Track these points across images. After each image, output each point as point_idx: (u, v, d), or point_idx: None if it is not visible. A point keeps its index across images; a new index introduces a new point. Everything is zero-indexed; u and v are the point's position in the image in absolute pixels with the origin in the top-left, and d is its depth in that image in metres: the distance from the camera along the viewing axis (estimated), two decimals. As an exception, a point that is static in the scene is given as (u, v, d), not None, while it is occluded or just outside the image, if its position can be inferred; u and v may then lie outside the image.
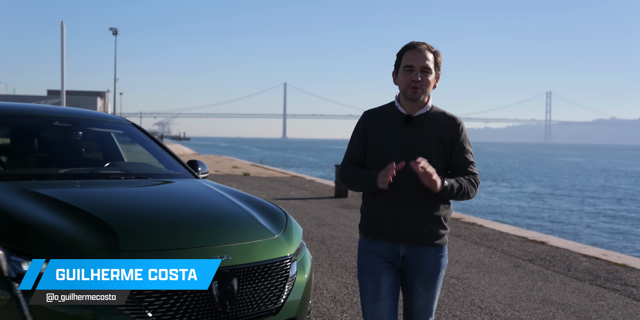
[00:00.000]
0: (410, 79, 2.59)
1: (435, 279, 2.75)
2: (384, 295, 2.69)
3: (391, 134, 2.66)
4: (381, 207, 2.65)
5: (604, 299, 5.45)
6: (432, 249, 2.69)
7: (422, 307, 2.77)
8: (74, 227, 2.77)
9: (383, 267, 2.69)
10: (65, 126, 4.25)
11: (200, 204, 3.43)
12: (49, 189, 3.24)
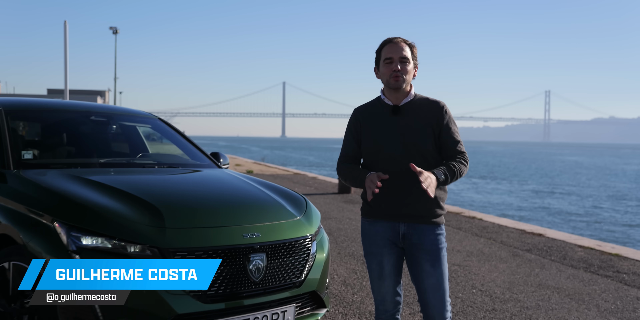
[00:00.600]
0: (392, 70, 2.86)
1: (439, 255, 2.89)
2: (387, 275, 2.96)
3: (382, 125, 2.92)
4: (382, 191, 2.85)
5: (597, 284, 5.81)
6: (430, 226, 2.88)
7: (434, 286, 2.87)
8: (123, 207, 3.13)
9: (385, 249, 2.94)
10: (101, 120, 4.63)
11: (230, 189, 3.79)
12: (95, 175, 3.61)
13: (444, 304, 2.88)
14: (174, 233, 3.03)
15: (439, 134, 2.89)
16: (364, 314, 4.47)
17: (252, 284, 3.13)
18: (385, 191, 2.84)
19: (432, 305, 2.86)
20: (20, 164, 3.71)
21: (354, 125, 3.01)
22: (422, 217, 2.87)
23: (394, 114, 2.89)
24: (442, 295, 2.89)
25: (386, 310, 2.97)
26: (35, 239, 3.03)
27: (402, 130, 2.87)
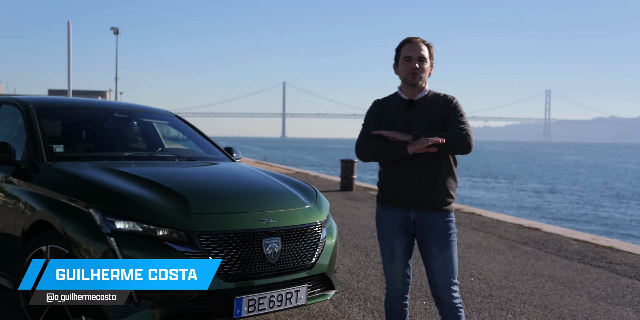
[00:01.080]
0: (410, 67, 3.10)
1: (448, 241, 3.09)
2: (398, 257, 3.21)
3: (397, 117, 3.16)
4: (395, 180, 3.14)
5: (589, 273, 6.11)
6: (440, 213, 3.10)
7: (441, 268, 3.08)
8: (151, 195, 3.44)
9: (397, 234, 3.19)
10: (123, 117, 4.95)
11: (246, 179, 4.10)
12: (123, 167, 3.91)
13: (450, 285, 3.09)
14: (199, 218, 3.33)
15: (443, 119, 3.09)
16: (368, 299, 4.77)
17: (268, 265, 3.43)
18: (398, 181, 3.11)
19: (439, 285, 3.10)
20: (52, 157, 4.01)
21: (374, 113, 3.22)
22: (431, 205, 3.08)
23: (408, 107, 3.14)
24: (449, 277, 3.09)
25: (395, 289, 3.23)
26: (72, 224, 3.33)
27: (414, 122, 3.10)
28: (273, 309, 3.45)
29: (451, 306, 3.08)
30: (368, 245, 7.06)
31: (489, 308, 4.68)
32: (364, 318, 4.28)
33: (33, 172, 3.89)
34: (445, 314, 3.10)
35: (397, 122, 3.14)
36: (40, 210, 3.58)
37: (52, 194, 3.60)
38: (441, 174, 3.10)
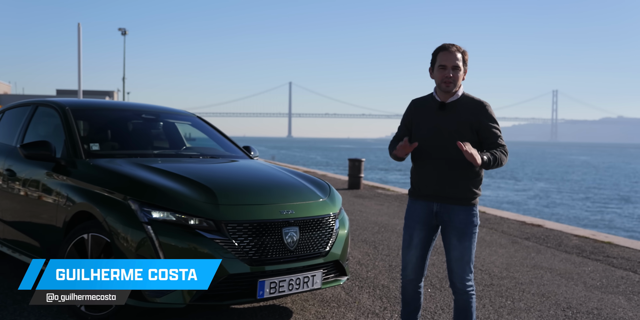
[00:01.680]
0: (444, 75, 3.33)
1: (466, 233, 3.29)
2: (414, 246, 3.48)
3: (429, 117, 3.41)
4: (422, 175, 3.42)
5: (587, 266, 6.44)
6: (461, 207, 3.30)
7: (457, 257, 3.32)
8: (182, 188, 3.81)
9: (418, 224, 3.46)
10: (151, 118, 5.33)
11: (266, 175, 4.47)
12: (154, 163, 4.29)
13: (464, 273, 3.35)
14: (226, 209, 3.70)
15: (479, 130, 3.29)
16: (377, 287, 5.13)
17: (287, 252, 3.80)
18: (424, 176, 3.39)
19: (455, 272, 3.38)
20: (89, 154, 4.39)
21: (408, 115, 3.52)
22: (452, 199, 3.32)
23: (440, 109, 3.38)
24: (464, 265, 3.33)
25: (407, 275, 3.52)
26: (112, 214, 3.70)
27: (444, 124, 3.32)
28: (292, 291, 3.81)
29: (463, 292, 3.37)
30: (376, 240, 7.42)
31: (490, 295, 5.03)
32: (373, 303, 4.64)
33: (72, 168, 4.27)
34: (458, 298, 3.41)
35: (428, 122, 3.39)
36: (81, 202, 3.96)
37: (91, 187, 3.97)
38: (464, 171, 3.31)
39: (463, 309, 3.38)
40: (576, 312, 4.65)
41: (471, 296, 3.38)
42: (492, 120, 3.33)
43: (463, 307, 3.38)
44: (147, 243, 3.54)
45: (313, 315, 4.28)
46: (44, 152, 4.30)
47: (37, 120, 5.16)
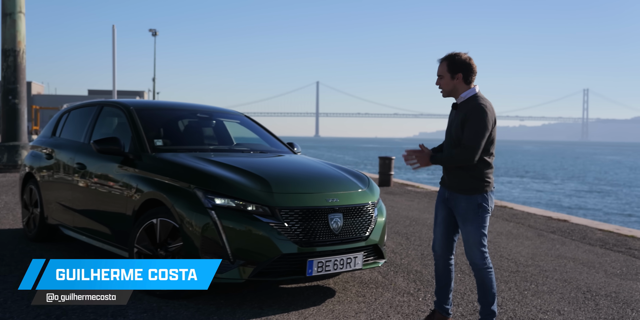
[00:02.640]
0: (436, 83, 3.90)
1: (467, 218, 3.72)
2: (438, 223, 4.00)
3: (451, 115, 3.94)
4: (443, 167, 3.95)
5: (608, 256, 6.81)
6: (462, 195, 3.75)
7: (464, 239, 3.80)
8: (240, 178, 4.32)
9: (440, 205, 3.99)
10: (205, 117, 5.88)
11: (312, 167, 4.96)
12: (213, 157, 4.82)
13: (472, 252, 3.77)
14: (279, 196, 4.20)
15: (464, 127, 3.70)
16: (411, 272, 5.58)
17: (332, 235, 4.28)
18: (443, 167, 3.91)
19: (466, 252, 3.86)
20: (154, 149, 4.93)
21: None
22: (455, 188, 3.83)
23: (453, 109, 3.88)
24: (471, 246, 3.75)
25: (435, 250, 4.01)
26: (180, 201, 4.22)
27: (451, 123, 3.88)
28: (336, 270, 4.29)
29: (476, 269, 3.80)
30: (408, 232, 7.86)
31: (515, 280, 5.45)
32: (408, 285, 5.09)
33: (139, 161, 4.81)
34: (475, 274, 3.86)
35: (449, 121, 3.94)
36: (150, 191, 4.49)
37: (159, 178, 4.50)
38: (466, 167, 3.74)
39: (480, 282, 3.82)
40: (595, 295, 5.04)
41: (484, 271, 3.78)
42: (472, 121, 3.65)
43: (479, 280, 3.82)
44: (211, 226, 4.06)
45: (354, 294, 4.75)
46: (114, 147, 4.85)
47: (103, 119, 5.73)
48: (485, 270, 3.80)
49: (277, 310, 4.22)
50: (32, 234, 6.34)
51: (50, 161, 6.07)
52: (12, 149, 15.38)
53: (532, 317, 4.33)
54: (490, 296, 3.79)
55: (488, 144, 3.72)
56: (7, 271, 5.07)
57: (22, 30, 15.45)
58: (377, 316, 4.21)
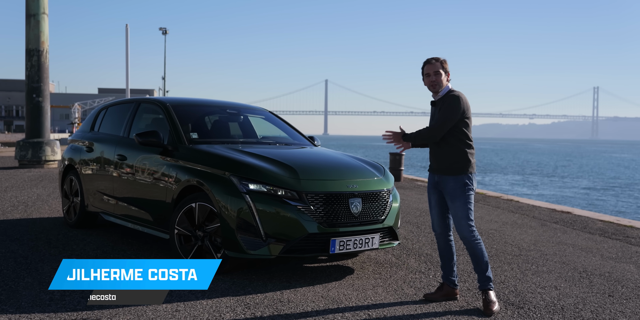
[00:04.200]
0: (430, 80, 4.37)
1: (455, 195, 4.25)
2: (433, 206, 4.52)
3: (431, 114, 4.49)
4: (429, 155, 4.48)
5: (606, 243, 7.29)
6: (450, 177, 4.28)
7: (454, 214, 4.30)
8: (270, 166, 4.85)
9: (431, 190, 4.52)
10: (234, 112, 6.43)
11: (333, 157, 5.49)
12: (244, 148, 5.35)
13: (461, 225, 4.29)
14: (305, 182, 4.72)
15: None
16: (422, 255, 6.09)
17: (353, 218, 4.80)
18: (430, 155, 4.46)
19: (456, 225, 4.37)
20: (190, 141, 5.47)
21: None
22: (442, 170, 4.37)
23: (432, 106, 4.47)
24: (460, 220, 4.27)
25: (435, 229, 4.54)
26: (217, 187, 4.76)
27: (434, 116, 4.42)
28: (356, 249, 4.81)
29: (467, 240, 4.32)
30: (418, 221, 8.38)
31: (518, 262, 5.95)
32: (419, 265, 5.61)
33: (177, 152, 5.35)
34: (466, 246, 4.39)
35: (431, 118, 4.49)
36: (189, 178, 5.02)
37: (197, 166, 5.04)
38: (451, 150, 4.32)
39: (472, 253, 4.36)
40: (590, 275, 5.54)
41: (473, 243, 4.30)
42: (445, 107, 4.27)
43: (471, 251, 4.36)
44: (245, 209, 4.59)
45: (371, 272, 5.27)
46: (155, 139, 5.39)
47: (140, 115, 6.28)
48: (474, 242, 4.32)
49: (303, 284, 4.75)
50: (72, 221, 6.90)
51: (90, 153, 6.63)
52: (37, 145, 16.00)
53: (532, 292, 4.83)
54: (484, 264, 4.33)
55: (467, 129, 4.33)
56: (57, 252, 5.63)
57: (45, 31, 16.06)
58: (393, 289, 4.74)
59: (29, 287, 4.44)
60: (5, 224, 7.15)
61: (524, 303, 4.50)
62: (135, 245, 6.06)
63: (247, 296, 4.36)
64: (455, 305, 4.39)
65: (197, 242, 4.93)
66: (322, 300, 4.35)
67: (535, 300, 4.59)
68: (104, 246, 5.96)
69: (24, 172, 14.69)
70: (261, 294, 4.42)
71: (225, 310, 4.02)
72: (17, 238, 6.25)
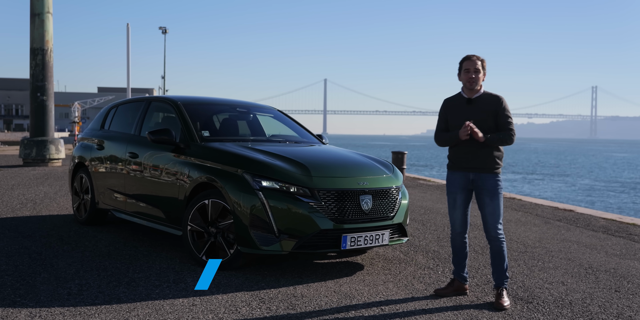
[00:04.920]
0: (469, 77, 4.41)
1: (494, 193, 4.33)
2: (458, 206, 4.56)
3: (460, 110, 4.49)
4: (460, 154, 4.48)
5: (610, 240, 7.38)
6: (489, 174, 4.37)
7: (490, 212, 4.38)
8: (282, 164, 4.92)
9: (458, 189, 4.54)
10: (244, 111, 6.50)
11: (343, 155, 5.56)
12: (255, 146, 5.43)
13: (496, 223, 4.40)
14: (317, 179, 4.80)
15: (496, 118, 4.37)
16: (429, 251, 6.17)
17: (363, 214, 4.87)
18: (463, 154, 4.45)
19: (489, 224, 4.41)
20: (202, 139, 5.54)
21: (443, 111, 4.60)
22: (483, 169, 4.42)
23: (468, 104, 4.47)
24: (496, 218, 4.37)
25: (455, 229, 4.58)
26: (230, 184, 4.83)
27: (472, 114, 4.42)
28: (366, 245, 4.88)
29: (496, 239, 4.41)
30: (424, 219, 8.46)
31: (524, 258, 6.04)
32: (427, 261, 5.69)
33: (189, 149, 5.42)
34: (492, 245, 4.45)
35: (460, 115, 4.47)
36: (201, 175, 5.10)
37: (209, 164, 5.11)
38: (489, 149, 4.39)
39: (497, 252, 4.42)
40: (596, 271, 5.62)
41: (502, 242, 4.41)
42: (506, 110, 4.43)
43: (497, 250, 4.42)
44: (259, 205, 4.66)
45: (380, 268, 5.35)
46: (167, 137, 5.47)
47: (151, 113, 6.35)
48: (502, 241, 4.42)
49: (315, 279, 4.83)
50: (82, 218, 6.98)
51: (101, 151, 6.70)
52: (41, 143, 16.06)
53: (539, 287, 4.91)
54: (505, 263, 4.43)
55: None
56: (70, 249, 5.71)
57: (49, 30, 16.12)
58: (403, 285, 4.82)
59: (46, 282, 4.52)
60: (16, 221, 7.23)
61: (532, 298, 4.58)
62: (146, 241, 6.14)
63: (261, 291, 4.44)
64: (465, 300, 4.47)
65: (209, 238, 5.00)
66: (335, 295, 4.43)
67: (543, 295, 4.67)
68: (115, 242, 6.04)
69: (28, 170, 14.77)
70: (275, 289, 4.50)
71: (241, 304, 4.10)
72: (29, 235, 6.33)
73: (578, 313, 4.26)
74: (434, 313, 4.12)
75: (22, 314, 3.77)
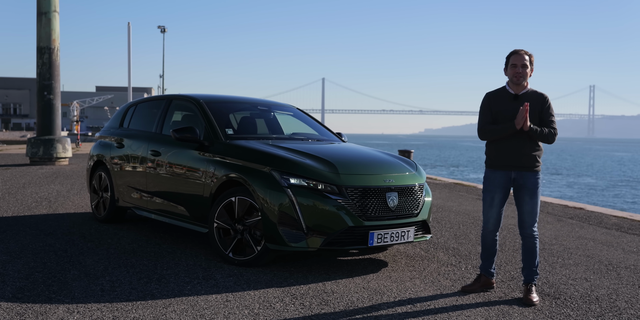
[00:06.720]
0: (516, 72, 4.36)
1: (536, 191, 4.37)
2: (495, 205, 4.55)
3: (506, 105, 4.43)
4: (502, 151, 4.43)
5: (624, 238, 7.43)
6: (532, 173, 4.38)
7: (529, 210, 4.39)
8: (309, 161, 4.96)
9: (498, 188, 4.51)
10: (265, 109, 6.53)
11: (367, 153, 5.60)
12: (279, 143, 5.46)
13: (533, 221, 4.43)
14: (345, 177, 4.84)
15: (541, 115, 4.37)
16: (449, 249, 6.22)
17: (389, 211, 4.92)
18: (506, 151, 4.41)
19: (526, 222, 4.44)
20: (226, 137, 5.57)
21: (487, 104, 4.51)
22: (526, 167, 4.42)
23: (514, 99, 4.44)
24: (534, 216, 4.42)
25: (488, 227, 4.60)
26: (258, 181, 4.87)
27: (518, 110, 4.34)
28: (392, 242, 4.93)
29: (531, 236, 4.46)
30: (437, 217, 8.50)
31: (544, 255, 6.08)
32: (449, 258, 5.74)
33: (214, 147, 5.45)
34: (526, 242, 4.49)
35: (505, 110, 4.42)
36: (228, 173, 5.13)
37: (235, 161, 5.15)
38: (532, 146, 4.40)
39: (530, 249, 4.46)
40: (616, 267, 5.67)
41: (536, 239, 4.46)
42: (550, 108, 4.45)
43: (530, 248, 4.46)
44: (287, 203, 4.70)
45: (404, 265, 5.40)
46: (191, 135, 5.50)
47: (172, 111, 6.38)
48: (536, 238, 4.47)
49: (342, 276, 4.87)
50: (102, 216, 7.01)
51: (121, 150, 6.73)
52: (48, 142, 16.08)
53: (564, 283, 4.96)
54: (537, 260, 4.49)
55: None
56: (94, 246, 5.74)
57: (56, 29, 16.13)
58: (430, 281, 4.86)
59: (77, 278, 4.56)
60: (34, 218, 7.26)
61: (559, 294, 4.62)
62: (169, 239, 6.17)
63: (292, 287, 4.48)
64: (494, 296, 4.52)
65: (236, 235, 5.04)
66: (365, 291, 4.48)
67: (569, 291, 4.72)
68: (138, 240, 6.07)
69: (36, 169, 14.78)
70: (304, 285, 4.54)
71: (274, 300, 4.14)
72: (50, 232, 6.36)
73: (606, 308, 4.30)
74: (465, 309, 4.16)
75: (60, 309, 3.81)
